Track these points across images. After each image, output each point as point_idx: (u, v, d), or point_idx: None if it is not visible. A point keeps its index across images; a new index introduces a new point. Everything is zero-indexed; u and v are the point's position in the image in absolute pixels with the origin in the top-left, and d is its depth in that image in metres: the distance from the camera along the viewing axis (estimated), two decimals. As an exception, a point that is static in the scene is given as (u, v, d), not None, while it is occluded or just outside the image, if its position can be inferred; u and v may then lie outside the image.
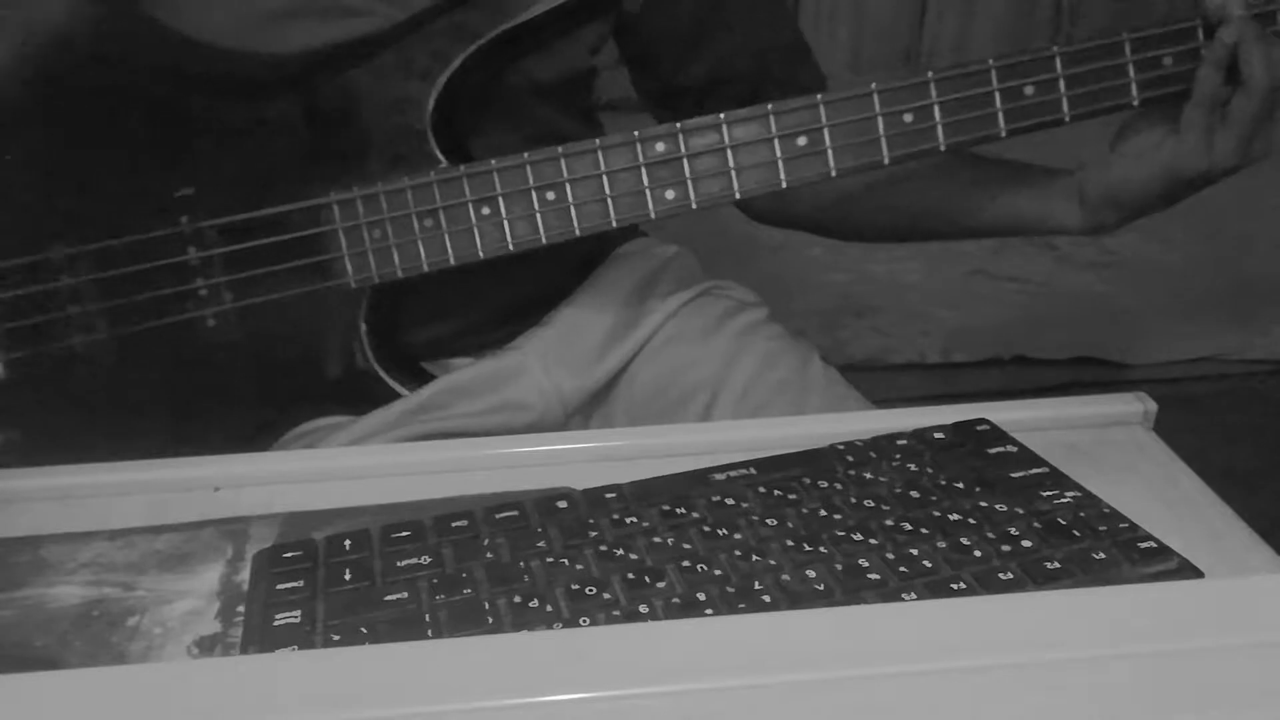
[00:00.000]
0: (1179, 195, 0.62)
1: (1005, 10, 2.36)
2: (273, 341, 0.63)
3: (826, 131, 0.59)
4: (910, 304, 1.61)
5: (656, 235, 0.81)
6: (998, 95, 0.59)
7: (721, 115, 0.59)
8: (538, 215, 0.60)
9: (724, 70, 0.72)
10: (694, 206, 0.60)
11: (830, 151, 0.59)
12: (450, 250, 0.61)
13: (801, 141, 0.59)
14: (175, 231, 0.61)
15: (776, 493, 0.44)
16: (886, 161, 0.60)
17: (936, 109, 0.59)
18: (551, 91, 0.68)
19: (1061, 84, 0.59)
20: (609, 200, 0.60)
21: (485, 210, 0.60)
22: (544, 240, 0.61)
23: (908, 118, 0.59)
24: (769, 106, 0.59)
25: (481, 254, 0.61)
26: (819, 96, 0.59)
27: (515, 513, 0.43)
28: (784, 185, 0.60)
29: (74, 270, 0.61)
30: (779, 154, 0.59)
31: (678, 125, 0.59)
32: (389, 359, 0.65)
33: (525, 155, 0.60)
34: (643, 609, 0.37)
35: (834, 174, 0.60)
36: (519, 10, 0.59)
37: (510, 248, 0.61)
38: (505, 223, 0.60)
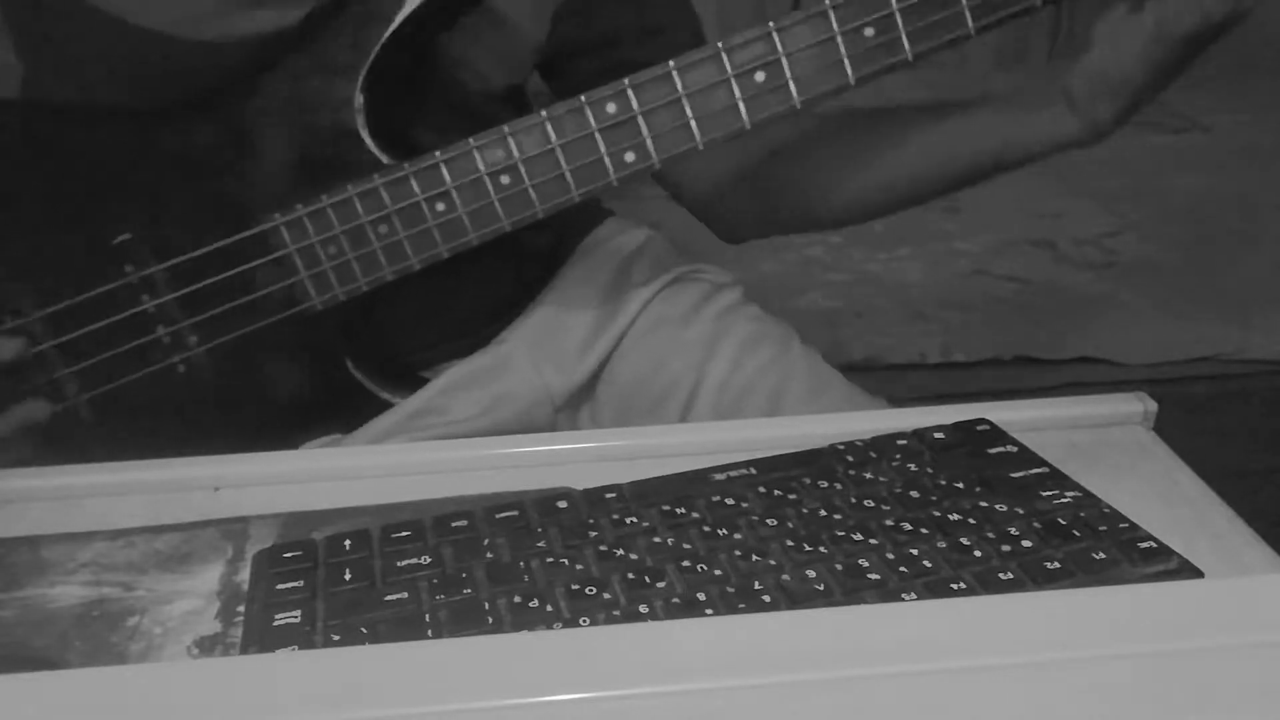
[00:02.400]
0: (1176, 61, 0.55)
1: None
2: (250, 376, 0.61)
3: (785, 61, 0.55)
4: (910, 304, 1.60)
5: (629, 219, 0.80)
6: None
7: (671, 63, 0.56)
8: (495, 202, 0.57)
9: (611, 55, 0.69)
10: (656, 165, 0.57)
11: (792, 82, 0.56)
12: (411, 253, 0.58)
13: (760, 77, 0.56)
14: (124, 282, 0.58)
15: (776, 493, 0.44)
16: (852, 83, 0.56)
17: (899, 16, 0.54)
18: (491, 96, 0.66)
19: None
20: (567, 173, 0.57)
21: (440, 206, 0.57)
22: (508, 226, 0.58)
23: (869, 32, 0.55)
24: (720, 44, 0.55)
25: (445, 252, 0.58)
26: (771, 24, 0.55)
27: (515, 513, 0.43)
28: (748, 126, 0.56)
29: (32, 339, 0.59)
30: (738, 94, 0.56)
31: (625, 82, 0.56)
32: (374, 371, 0.63)
33: (470, 141, 0.57)
34: (643, 609, 0.37)
35: (799, 105, 0.56)
36: None
37: (473, 241, 0.58)
38: (463, 216, 0.58)
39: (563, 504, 0.43)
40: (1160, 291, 1.65)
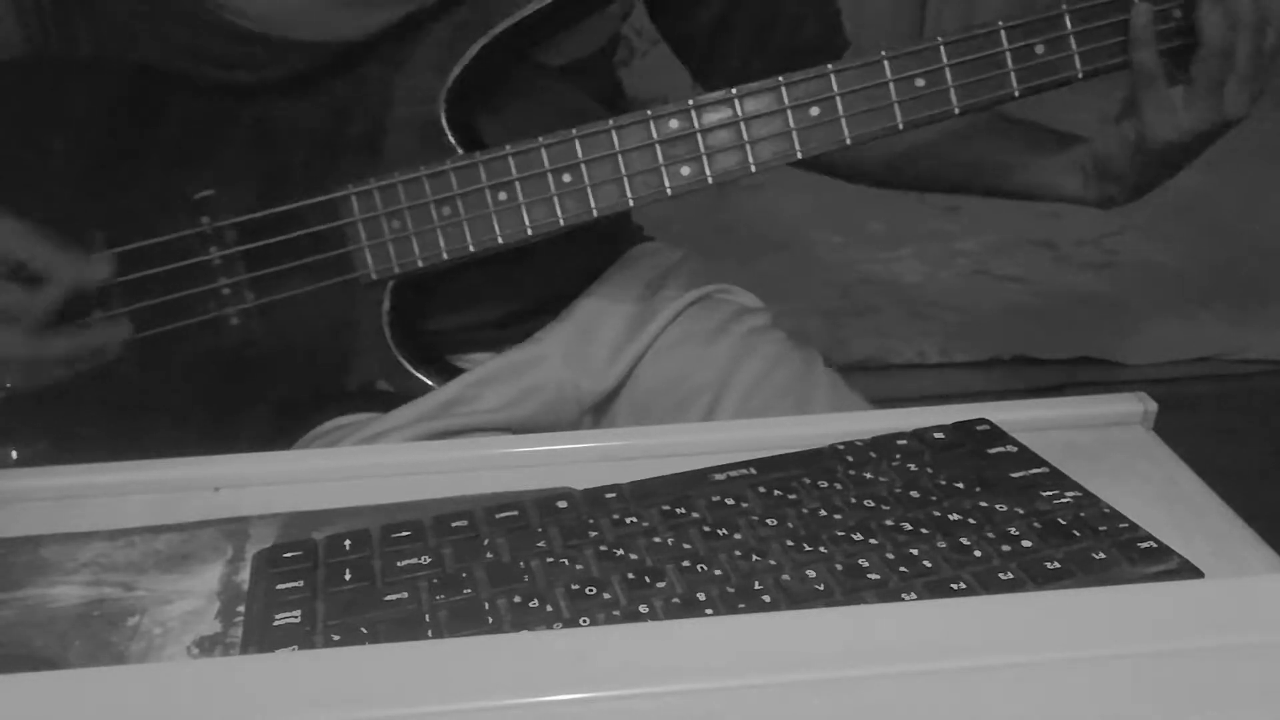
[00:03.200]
0: (1170, 163, 0.62)
1: (1005, 5, 2.36)
2: (296, 338, 0.64)
3: (839, 100, 0.60)
4: (910, 304, 1.61)
5: (665, 236, 0.81)
6: (1008, 55, 0.59)
7: (733, 90, 0.59)
8: (555, 198, 0.61)
9: (729, 18, 0.73)
10: (710, 181, 0.61)
11: (844, 120, 0.60)
12: (469, 237, 0.61)
13: (815, 111, 0.60)
14: (197, 232, 0.61)
15: (776, 493, 0.44)
16: (901, 127, 0.60)
17: (948, 72, 0.59)
18: (571, 70, 0.68)
19: (1072, 41, 0.59)
20: (625, 179, 0.60)
21: (502, 195, 0.61)
22: (561, 223, 0.61)
23: (920, 82, 0.59)
24: (780, 79, 0.59)
25: (500, 240, 0.61)
26: (829, 66, 0.59)
27: (515, 513, 0.43)
28: (799, 156, 0.60)
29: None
30: (792, 125, 0.60)
31: (690, 101, 0.60)
32: (412, 352, 0.65)
33: (539, 139, 0.60)
34: (643, 609, 0.37)
35: (849, 142, 0.60)
36: (532, 3, 0.59)
37: (529, 232, 0.61)
38: (523, 207, 0.61)
39: (563, 504, 0.43)
40: (1160, 291, 1.65)
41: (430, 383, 0.65)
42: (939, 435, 0.48)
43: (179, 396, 0.64)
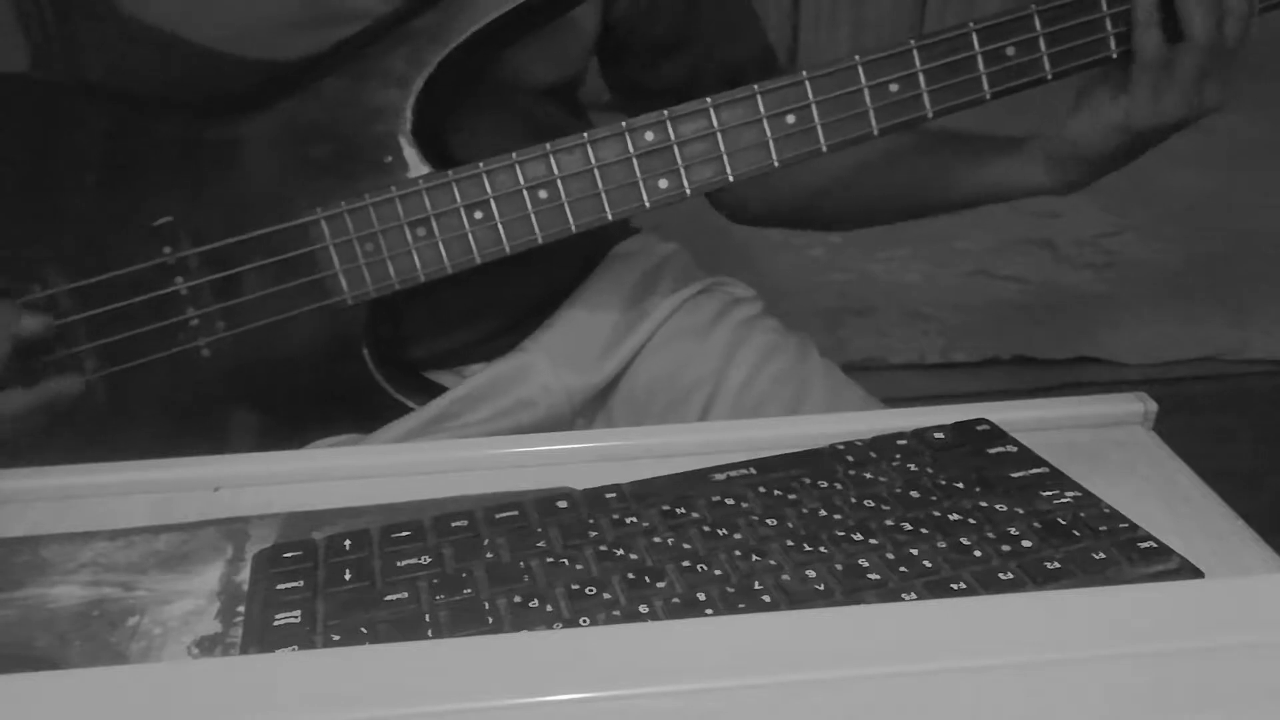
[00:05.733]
0: (1137, 148, 0.64)
1: (1004, 5, 2.36)
2: (272, 365, 0.62)
3: (814, 108, 0.59)
4: (910, 304, 1.60)
5: (655, 233, 0.81)
6: (980, 59, 0.59)
7: (709, 99, 0.59)
8: (532, 215, 0.60)
9: (691, 78, 0.72)
10: (688, 194, 0.60)
11: (820, 127, 0.59)
12: (446, 258, 0.60)
13: (790, 120, 0.59)
14: (159, 263, 0.60)
15: (776, 493, 0.44)
16: (876, 133, 0.60)
17: (921, 77, 0.59)
18: (538, 92, 0.67)
19: (1042, 42, 0.59)
20: (602, 194, 0.60)
21: (478, 214, 0.59)
22: (540, 240, 0.60)
23: (893, 88, 0.59)
24: (755, 87, 0.59)
25: (478, 259, 0.60)
26: (804, 73, 0.59)
27: (515, 513, 0.43)
28: (776, 165, 0.60)
29: (59, 311, 0.59)
30: (769, 134, 0.59)
31: (665, 113, 0.59)
32: (394, 373, 0.64)
33: (514, 155, 0.59)
34: (643, 609, 0.37)
35: (824, 149, 0.60)
36: (490, 10, 0.59)
37: (507, 250, 0.60)
38: (499, 225, 0.60)
39: (563, 504, 0.43)
40: (1160, 291, 1.65)
41: (412, 405, 0.64)
42: (939, 435, 0.48)
43: (154, 428, 0.63)
